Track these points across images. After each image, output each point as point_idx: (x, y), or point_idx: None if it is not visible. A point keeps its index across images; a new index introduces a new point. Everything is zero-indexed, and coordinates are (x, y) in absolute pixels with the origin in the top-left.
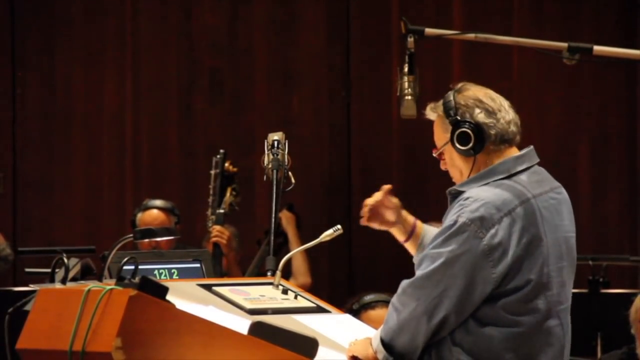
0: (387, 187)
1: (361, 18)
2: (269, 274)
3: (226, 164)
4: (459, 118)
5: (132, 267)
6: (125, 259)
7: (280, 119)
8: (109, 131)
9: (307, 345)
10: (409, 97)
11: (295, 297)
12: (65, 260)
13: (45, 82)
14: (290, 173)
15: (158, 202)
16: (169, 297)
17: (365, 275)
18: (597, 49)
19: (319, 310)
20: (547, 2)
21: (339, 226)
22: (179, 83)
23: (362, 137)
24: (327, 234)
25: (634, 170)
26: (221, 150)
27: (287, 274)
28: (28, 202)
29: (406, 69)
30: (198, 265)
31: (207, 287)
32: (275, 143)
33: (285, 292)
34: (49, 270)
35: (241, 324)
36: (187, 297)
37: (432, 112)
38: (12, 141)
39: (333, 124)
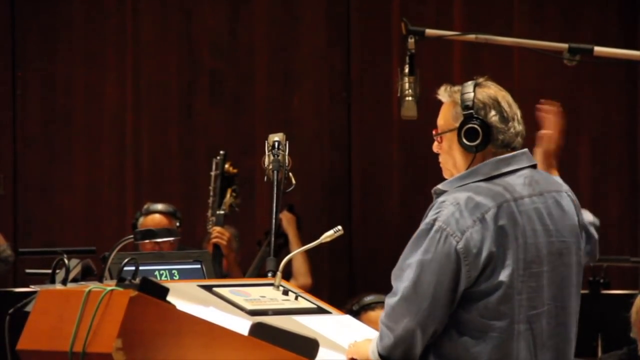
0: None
1: (362, 19)
2: (269, 274)
3: (226, 165)
4: (473, 113)
5: (133, 268)
6: (126, 260)
7: (281, 119)
8: (109, 132)
9: (308, 346)
10: (410, 98)
11: (296, 298)
12: (66, 261)
13: (46, 82)
14: (290, 174)
15: (160, 206)
16: (169, 298)
17: (365, 276)
18: (598, 49)
19: (320, 311)
20: (548, 3)
21: (339, 227)
22: (179, 83)
23: (362, 138)
24: (328, 235)
25: (634, 171)
26: (221, 152)
27: (287, 274)
28: (28, 203)
29: (407, 70)
30: (198, 266)
31: (208, 288)
32: (276, 144)
33: (285, 293)
34: (49, 271)
35: (242, 325)
36: (187, 298)
37: (446, 95)
38: (13, 142)
39: (333, 125)
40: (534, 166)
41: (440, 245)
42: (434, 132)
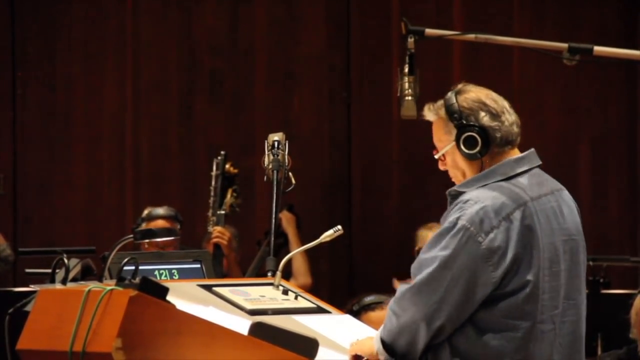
0: None
1: (361, 18)
2: (269, 274)
3: (227, 166)
4: (464, 122)
5: (133, 267)
6: (126, 260)
7: (281, 119)
8: (109, 131)
9: (308, 345)
10: (409, 98)
11: (296, 298)
12: (66, 260)
13: (46, 82)
14: (290, 174)
15: (161, 211)
16: (169, 297)
17: (365, 276)
18: (598, 49)
19: (319, 310)
20: (548, 3)
21: (339, 227)
22: (179, 83)
23: (362, 138)
24: (328, 235)
25: (634, 171)
26: (222, 152)
27: (287, 274)
28: (28, 203)
29: (406, 70)
30: (198, 265)
31: (208, 288)
32: (276, 143)
33: (285, 292)
34: (49, 270)
35: (241, 325)
36: (187, 298)
37: (432, 114)
38: (13, 142)
39: (333, 125)
40: (539, 166)
41: (461, 243)
42: (434, 153)
